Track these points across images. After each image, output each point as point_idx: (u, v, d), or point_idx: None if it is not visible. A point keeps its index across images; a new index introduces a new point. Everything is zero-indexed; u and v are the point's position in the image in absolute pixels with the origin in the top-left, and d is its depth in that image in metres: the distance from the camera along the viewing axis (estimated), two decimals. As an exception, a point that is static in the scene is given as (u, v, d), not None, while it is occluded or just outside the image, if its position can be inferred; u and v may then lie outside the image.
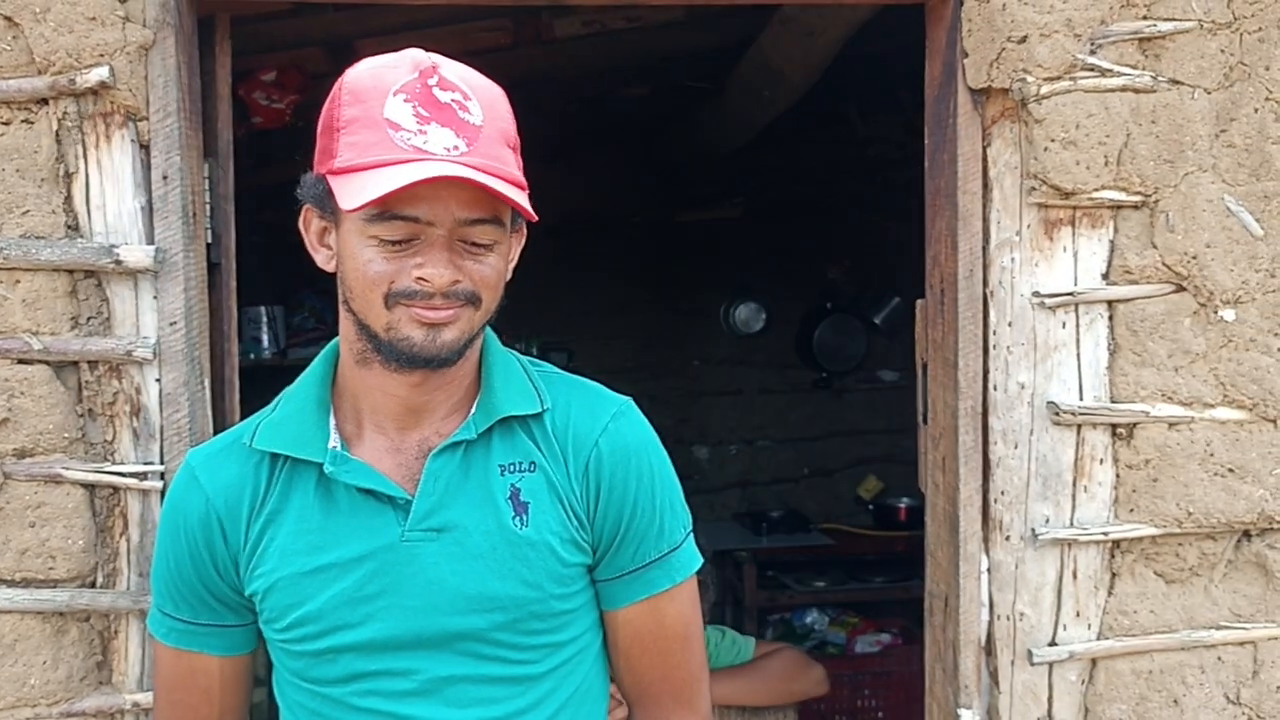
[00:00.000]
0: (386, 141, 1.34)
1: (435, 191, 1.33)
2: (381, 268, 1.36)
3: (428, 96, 1.36)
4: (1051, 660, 2.08)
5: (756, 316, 5.79)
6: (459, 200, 1.35)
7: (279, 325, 4.73)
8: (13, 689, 1.87)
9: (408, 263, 1.36)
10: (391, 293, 1.37)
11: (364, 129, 1.36)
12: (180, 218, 1.91)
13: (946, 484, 2.15)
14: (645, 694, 1.61)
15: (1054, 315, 2.07)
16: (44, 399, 1.87)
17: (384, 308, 1.38)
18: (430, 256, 1.35)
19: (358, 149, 1.35)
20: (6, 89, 1.85)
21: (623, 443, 1.51)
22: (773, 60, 3.53)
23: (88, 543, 1.90)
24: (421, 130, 1.34)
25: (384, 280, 1.36)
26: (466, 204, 1.35)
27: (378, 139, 1.34)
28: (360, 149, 1.35)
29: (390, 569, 1.45)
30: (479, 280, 1.39)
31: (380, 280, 1.37)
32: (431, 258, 1.35)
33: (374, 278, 1.37)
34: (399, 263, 1.36)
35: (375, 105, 1.35)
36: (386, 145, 1.34)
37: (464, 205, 1.35)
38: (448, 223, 1.35)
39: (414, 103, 1.36)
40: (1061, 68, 2.02)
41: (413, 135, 1.34)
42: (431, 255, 1.35)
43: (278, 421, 1.50)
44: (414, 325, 1.37)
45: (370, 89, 1.37)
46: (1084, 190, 2.03)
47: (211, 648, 1.55)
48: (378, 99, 1.36)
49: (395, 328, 1.38)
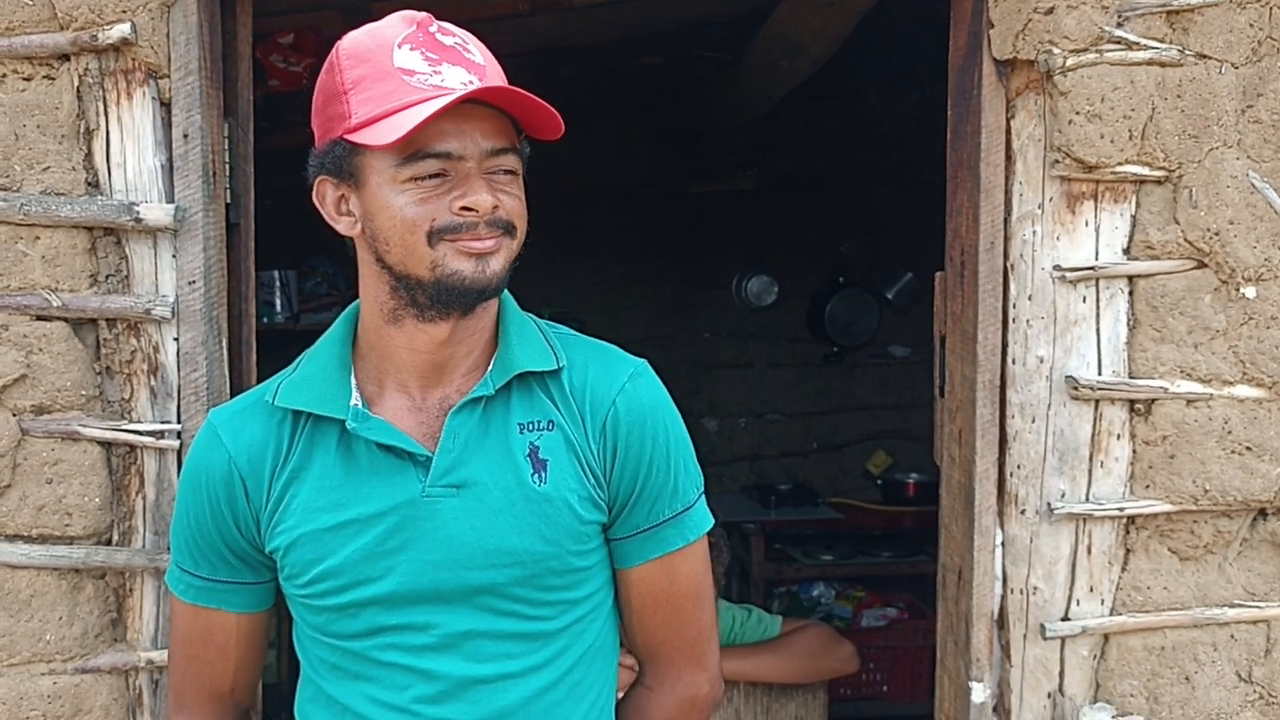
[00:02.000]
0: (405, 87, 1.38)
1: (460, 126, 1.38)
2: (420, 209, 1.39)
3: (432, 42, 1.41)
4: (1064, 635, 2.09)
5: (769, 289, 5.77)
6: (484, 131, 1.40)
7: (292, 290, 4.74)
8: (29, 644, 1.88)
9: (444, 200, 1.39)
10: (434, 230, 1.39)
11: (377, 82, 1.39)
12: (200, 177, 1.90)
13: (962, 457, 2.14)
14: (657, 651, 1.64)
15: (1074, 289, 2.06)
16: (62, 356, 1.87)
17: (428, 247, 1.40)
18: (470, 186, 1.39)
19: (375, 100, 1.38)
20: (28, 44, 1.84)
21: (639, 403, 1.53)
22: (791, 30, 3.50)
23: (104, 500, 1.90)
24: (436, 71, 1.39)
25: (425, 220, 1.39)
26: (490, 135, 1.40)
27: (394, 87, 1.38)
28: (379, 99, 1.38)
29: (411, 524, 1.47)
30: (511, 210, 1.43)
31: (421, 220, 1.39)
32: (471, 187, 1.39)
33: (414, 219, 1.39)
34: (435, 201, 1.39)
35: (383, 59, 1.39)
36: (406, 89, 1.38)
37: (488, 136, 1.40)
38: (476, 154, 1.40)
39: (421, 49, 1.40)
40: (1088, 40, 2.00)
41: (429, 76, 1.38)
42: (470, 185, 1.39)
43: (300, 380, 1.52)
44: (462, 258, 1.40)
45: (373, 48, 1.41)
46: (1107, 164, 2.02)
47: (229, 604, 1.57)
48: (383, 54, 1.40)
49: (442, 264, 1.40)
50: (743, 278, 5.81)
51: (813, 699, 2.91)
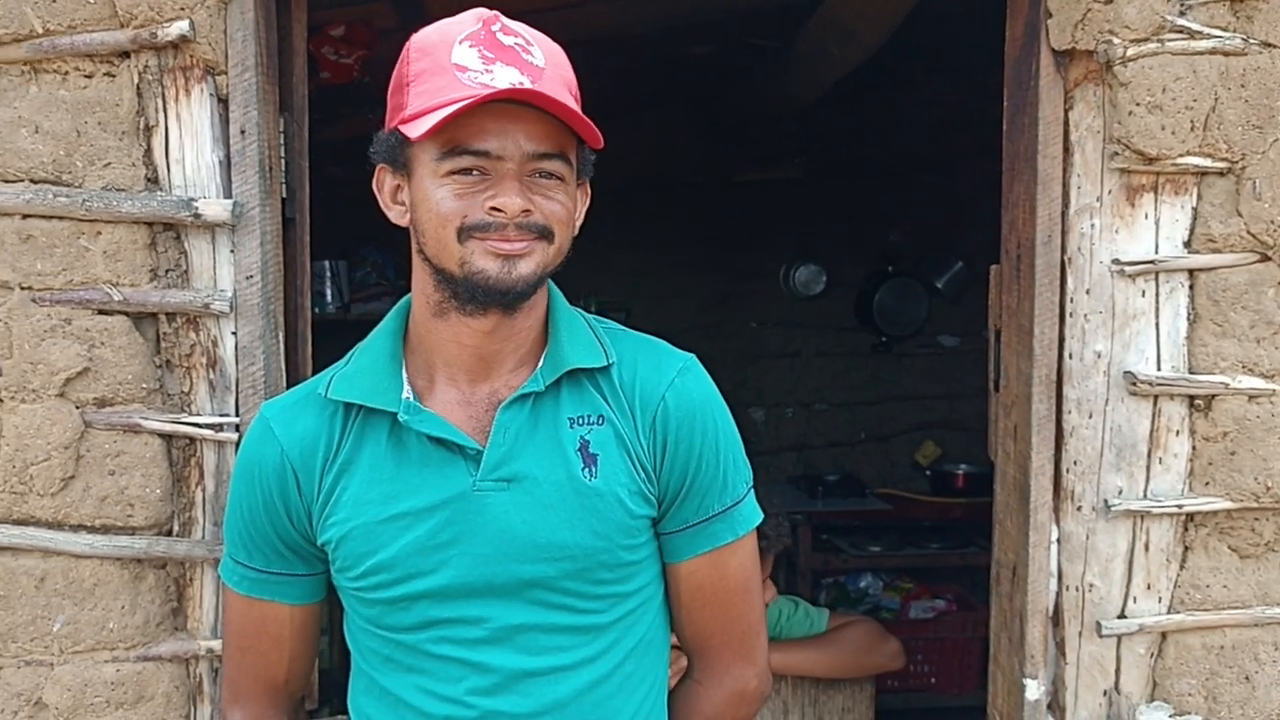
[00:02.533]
0: (455, 83, 1.39)
1: (503, 126, 1.39)
2: (454, 205, 1.41)
3: (492, 40, 1.42)
4: (1120, 633, 2.06)
5: (817, 278, 5.74)
6: (527, 134, 1.40)
7: (343, 280, 4.77)
8: (92, 632, 1.92)
9: (479, 197, 1.40)
10: (464, 227, 1.41)
11: (433, 76, 1.41)
12: (257, 172, 1.92)
13: (1018, 452, 2.12)
14: (706, 645, 1.64)
15: (1133, 283, 2.03)
16: (123, 349, 1.90)
17: (457, 243, 1.41)
18: (502, 187, 1.40)
19: (427, 94, 1.40)
20: (89, 42, 1.86)
21: (688, 398, 1.54)
22: (844, 17, 3.47)
23: (164, 491, 1.93)
24: (488, 69, 1.39)
25: (457, 215, 1.41)
26: (534, 138, 1.40)
27: (446, 82, 1.39)
28: (429, 94, 1.40)
29: (462, 518, 1.48)
30: (549, 214, 1.42)
31: (453, 215, 1.41)
32: (503, 188, 1.39)
33: (447, 214, 1.41)
34: (471, 198, 1.40)
35: (443, 55, 1.41)
36: (455, 86, 1.39)
37: (532, 139, 1.40)
38: (516, 156, 1.40)
39: (479, 47, 1.41)
40: (1149, 29, 1.97)
41: (479, 74, 1.39)
42: (503, 186, 1.40)
43: (352, 373, 1.53)
44: (488, 257, 1.41)
45: (437, 42, 1.43)
46: (1168, 156, 1.99)
47: (283, 596, 1.59)
48: (445, 49, 1.41)
49: (469, 261, 1.41)
50: (790, 267, 5.78)
51: (860, 691, 2.90)
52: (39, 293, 1.88)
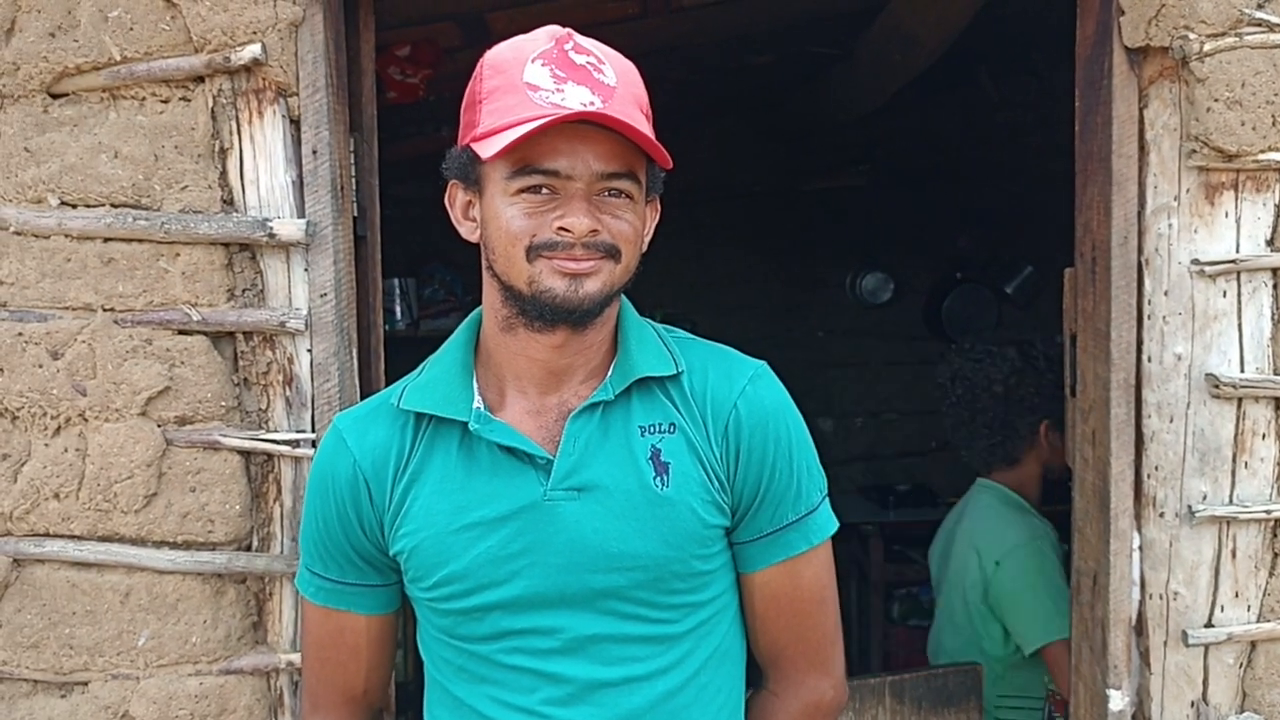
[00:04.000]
0: (526, 102, 1.40)
1: (573, 146, 1.39)
2: (523, 223, 1.42)
3: (564, 59, 1.42)
4: (1208, 642, 2.01)
5: (884, 286, 5.69)
6: (596, 154, 1.40)
7: (411, 297, 4.82)
8: (175, 646, 1.95)
9: (548, 217, 1.41)
10: (533, 245, 1.42)
11: (505, 95, 1.42)
12: (329, 192, 1.95)
13: (1096, 458, 2.08)
14: (780, 656, 1.63)
15: (1214, 284, 1.98)
16: (203, 369, 1.93)
17: (525, 261, 1.42)
18: (570, 207, 1.40)
19: (498, 113, 1.42)
20: (165, 68, 1.91)
21: (760, 405, 1.53)
22: (906, 23, 3.45)
23: (244, 507, 1.96)
24: (559, 89, 1.40)
25: (525, 234, 1.42)
26: (604, 158, 1.41)
27: (518, 101, 1.41)
28: (501, 112, 1.41)
29: (533, 528, 1.48)
30: (617, 234, 1.43)
31: (522, 234, 1.42)
32: (571, 208, 1.40)
33: (516, 232, 1.42)
34: (540, 218, 1.41)
35: (515, 73, 1.42)
36: (526, 105, 1.40)
37: (601, 159, 1.41)
38: (586, 176, 1.41)
39: (551, 65, 1.42)
40: (1226, 23, 1.92)
41: (550, 94, 1.40)
42: (571, 206, 1.40)
43: (424, 384, 1.55)
44: (556, 276, 1.42)
45: (510, 60, 1.44)
46: (1249, 152, 1.94)
47: (358, 606, 1.60)
48: (517, 67, 1.42)
49: (538, 280, 1.42)
50: (857, 275, 5.74)
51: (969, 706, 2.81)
52: (121, 314, 1.92)
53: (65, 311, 1.92)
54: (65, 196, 1.92)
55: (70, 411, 1.92)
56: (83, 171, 1.91)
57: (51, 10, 1.89)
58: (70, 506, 1.93)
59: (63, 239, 1.91)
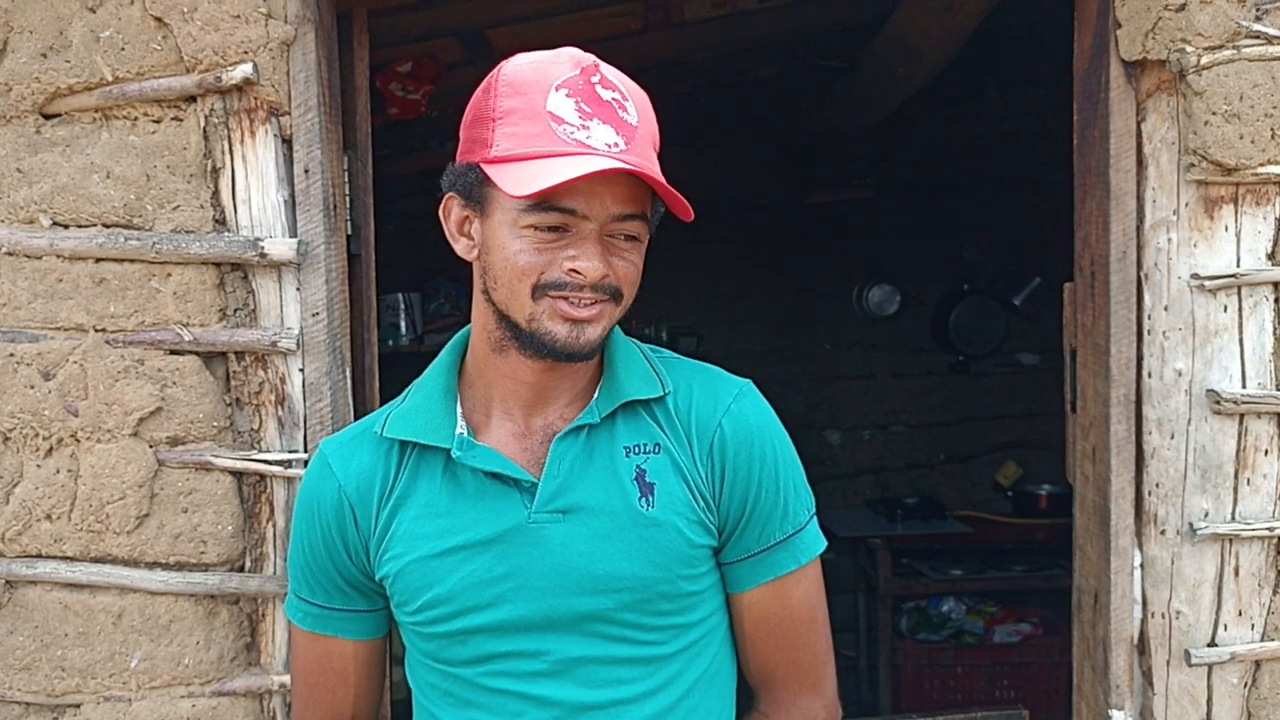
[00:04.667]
0: (550, 134, 1.36)
1: (592, 186, 1.36)
2: (532, 259, 1.39)
3: (590, 93, 1.39)
4: (1211, 661, 1.99)
5: (890, 299, 5.67)
6: (614, 196, 1.37)
7: (416, 312, 4.82)
8: (168, 668, 1.94)
9: (559, 254, 1.38)
10: (540, 284, 1.39)
11: (525, 120, 1.38)
12: (321, 210, 1.94)
13: (1097, 475, 2.06)
14: (771, 677, 1.61)
15: (1214, 298, 1.96)
16: (194, 389, 1.92)
17: (530, 299, 1.40)
18: (584, 249, 1.37)
19: (518, 139, 1.37)
20: (157, 88, 1.90)
21: (745, 424, 1.52)
22: (908, 36, 3.44)
23: (236, 528, 1.95)
24: (585, 126, 1.37)
25: (534, 271, 1.39)
26: (621, 200, 1.38)
27: (540, 131, 1.37)
28: (521, 140, 1.37)
29: (518, 551, 1.47)
30: (623, 277, 1.41)
31: (530, 271, 1.39)
32: (585, 250, 1.37)
33: (524, 268, 1.39)
34: (550, 254, 1.38)
35: (537, 98, 1.38)
36: (550, 138, 1.36)
37: (618, 201, 1.38)
38: (601, 217, 1.38)
39: (577, 98, 1.38)
40: (1223, 36, 1.91)
41: (576, 130, 1.36)
42: (585, 248, 1.37)
43: (407, 411, 1.53)
44: (558, 320, 1.39)
45: (532, 82, 1.39)
46: (1248, 166, 1.92)
47: (346, 632, 1.59)
48: (539, 92, 1.38)
49: (538, 320, 1.40)
50: (863, 287, 5.72)
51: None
52: (112, 334, 1.92)
53: (57, 332, 1.92)
54: (57, 217, 1.92)
55: (62, 432, 1.91)
56: (75, 192, 1.91)
57: (43, 31, 1.90)
58: (62, 528, 1.93)
59: (55, 259, 1.91)
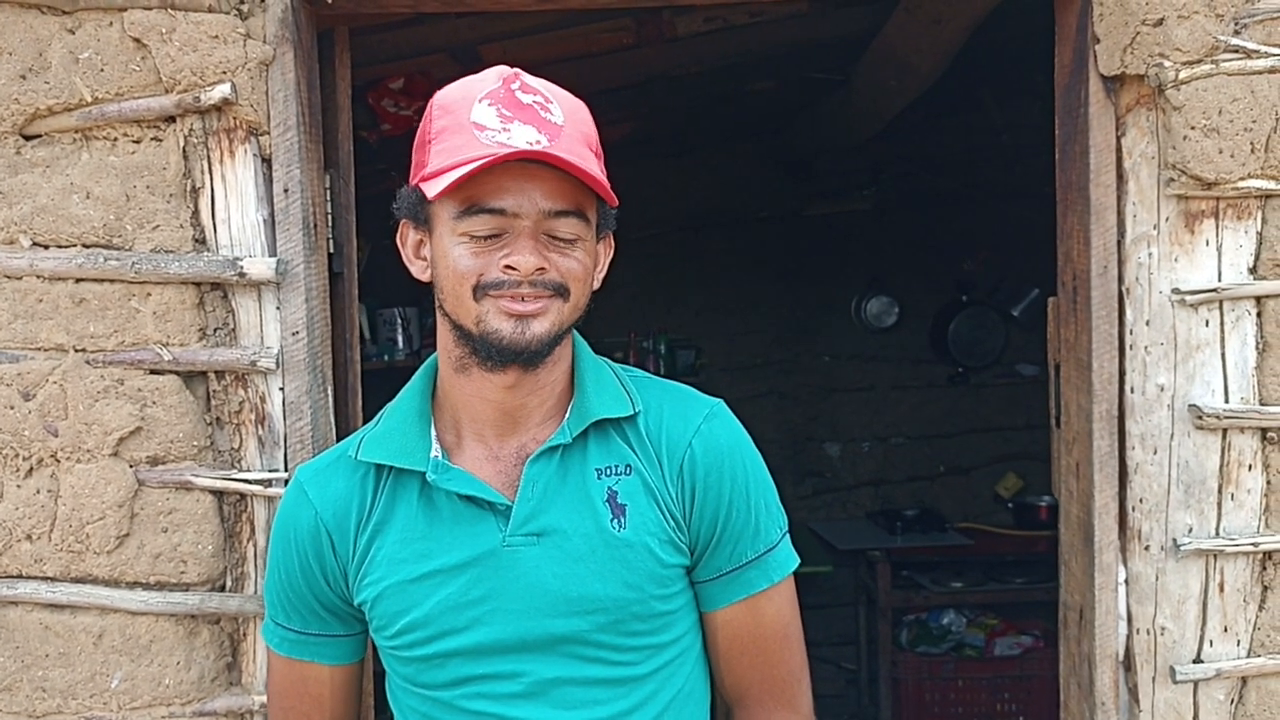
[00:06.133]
0: (473, 142, 1.40)
1: (520, 185, 1.39)
2: (470, 262, 1.41)
3: (511, 99, 1.42)
4: (1197, 678, 1.97)
5: (889, 310, 5.67)
6: (543, 193, 1.40)
7: (413, 327, 4.82)
8: (149, 688, 1.94)
9: (495, 256, 1.41)
10: (480, 285, 1.41)
11: (453, 135, 1.42)
12: (301, 229, 1.94)
13: (1080, 490, 2.05)
14: (746, 695, 1.61)
15: (1196, 313, 1.95)
16: (174, 408, 1.93)
17: (473, 300, 1.42)
18: (516, 246, 1.40)
19: (447, 153, 1.41)
20: (136, 108, 1.91)
21: (716, 444, 1.52)
22: (899, 49, 3.44)
23: (216, 548, 1.95)
24: (505, 129, 1.40)
25: (473, 274, 1.41)
26: (551, 196, 1.40)
27: (465, 141, 1.40)
28: (449, 152, 1.41)
29: (493, 574, 1.48)
30: (565, 272, 1.42)
31: (469, 274, 1.41)
32: (517, 246, 1.40)
33: (464, 272, 1.42)
34: (487, 257, 1.41)
35: (463, 113, 1.42)
36: (473, 145, 1.39)
37: (548, 197, 1.40)
38: (533, 215, 1.40)
39: (498, 105, 1.42)
40: (1202, 50, 1.90)
41: (497, 133, 1.40)
42: (517, 245, 1.40)
43: (381, 434, 1.54)
44: (502, 317, 1.41)
45: (458, 100, 1.44)
46: (1228, 180, 1.91)
47: (322, 657, 1.59)
48: (465, 107, 1.42)
49: (485, 320, 1.42)
50: (862, 299, 5.72)
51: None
52: (92, 354, 1.92)
53: (37, 352, 1.92)
54: (37, 237, 1.92)
55: (42, 452, 1.92)
56: (54, 212, 1.91)
57: (22, 52, 1.90)
58: (43, 548, 1.93)
59: (34, 280, 1.92)
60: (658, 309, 5.60)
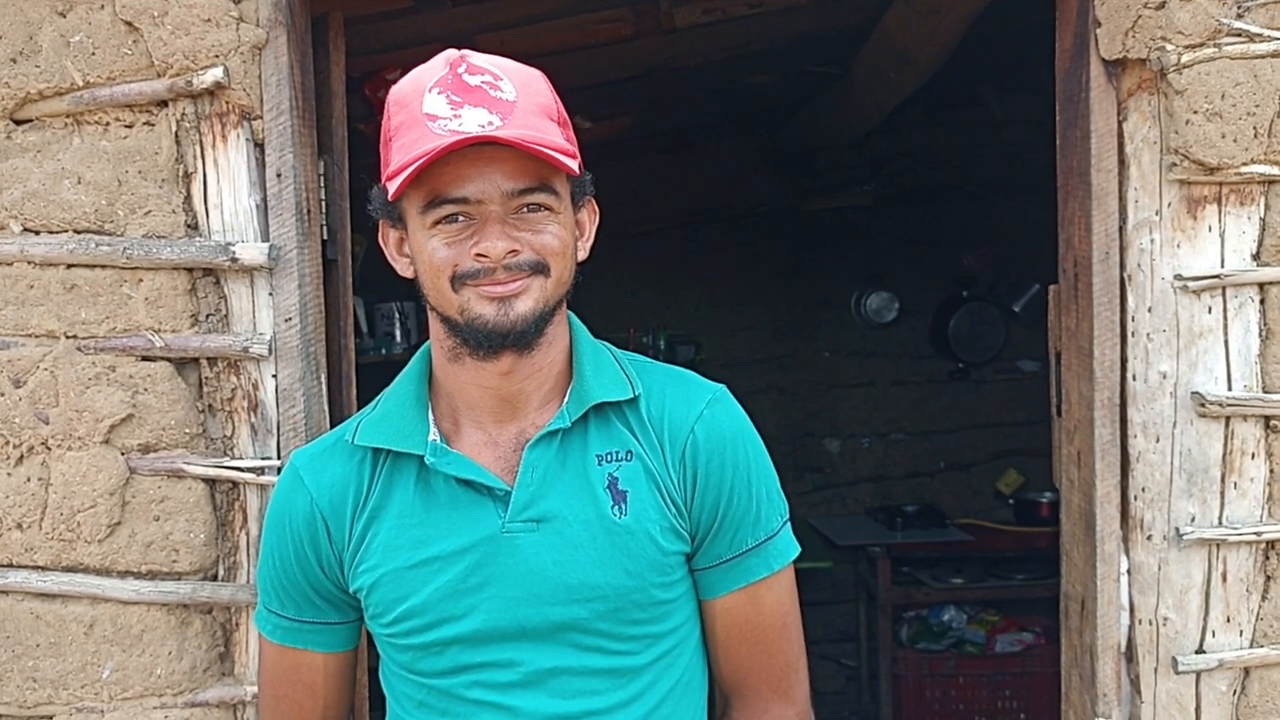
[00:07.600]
0: (428, 134, 1.37)
1: (479, 170, 1.37)
2: (445, 254, 1.40)
3: (458, 83, 1.40)
4: (1199, 669, 1.95)
5: (889, 306, 5.65)
6: (504, 173, 1.38)
7: (411, 321, 4.79)
8: (140, 678, 1.92)
9: (466, 245, 1.40)
10: (456, 275, 1.40)
11: (409, 130, 1.40)
12: (294, 215, 1.92)
13: (1082, 480, 2.03)
14: (743, 684, 1.60)
15: (1198, 299, 1.93)
16: (166, 395, 1.91)
17: (452, 291, 1.41)
18: (484, 232, 1.39)
19: (405, 148, 1.39)
20: (128, 92, 1.89)
21: (719, 429, 1.50)
22: (898, 41, 3.42)
23: (209, 536, 1.93)
24: (456, 115, 1.38)
25: (448, 265, 1.40)
26: (512, 176, 1.39)
27: (419, 134, 1.38)
28: (407, 148, 1.39)
29: (492, 560, 1.46)
30: (540, 248, 1.41)
31: (445, 266, 1.40)
32: (485, 233, 1.39)
33: (439, 265, 1.40)
34: (459, 246, 1.40)
35: (415, 105, 1.40)
36: (428, 137, 1.37)
37: (509, 177, 1.38)
38: (497, 198, 1.39)
39: (447, 92, 1.40)
40: (1204, 34, 1.88)
41: (449, 121, 1.37)
42: (485, 231, 1.39)
43: (378, 418, 1.52)
44: (484, 302, 1.40)
45: (409, 93, 1.42)
46: (1231, 165, 1.89)
47: (316, 644, 1.58)
48: (416, 100, 1.40)
49: (467, 308, 1.41)
50: (862, 294, 5.70)
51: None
52: (83, 341, 1.90)
53: (28, 339, 1.91)
54: (28, 223, 1.90)
55: (33, 440, 1.90)
56: (46, 198, 1.89)
57: (13, 36, 1.89)
58: (33, 537, 1.91)
59: (25, 265, 1.90)
60: (656, 304, 5.58)
